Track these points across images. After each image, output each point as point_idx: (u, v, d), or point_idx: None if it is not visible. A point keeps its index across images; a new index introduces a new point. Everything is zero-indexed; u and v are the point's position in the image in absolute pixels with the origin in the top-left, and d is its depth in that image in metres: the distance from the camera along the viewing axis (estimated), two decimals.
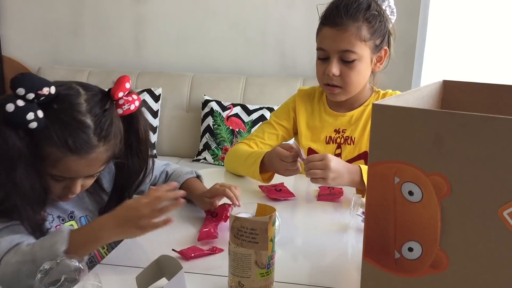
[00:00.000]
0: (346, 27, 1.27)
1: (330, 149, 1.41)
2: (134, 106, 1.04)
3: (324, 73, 1.33)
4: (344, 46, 1.29)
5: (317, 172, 1.16)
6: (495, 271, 0.64)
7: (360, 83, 1.36)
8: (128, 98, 1.04)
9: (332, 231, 1.09)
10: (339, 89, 1.34)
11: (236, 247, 0.79)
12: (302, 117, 1.46)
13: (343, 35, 1.28)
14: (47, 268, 0.85)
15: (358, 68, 1.31)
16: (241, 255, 0.79)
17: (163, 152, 2.85)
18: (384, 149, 0.68)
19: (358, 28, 1.28)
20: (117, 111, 1.02)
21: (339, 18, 1.28)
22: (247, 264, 0.79)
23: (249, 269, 0.79)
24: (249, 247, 0.78)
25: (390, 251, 0.70)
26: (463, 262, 0.66)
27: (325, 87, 1.37)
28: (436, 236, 0.66)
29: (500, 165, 0.61)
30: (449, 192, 0.64)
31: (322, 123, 1.44)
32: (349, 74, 1.31)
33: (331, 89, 1.35)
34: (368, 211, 0.71)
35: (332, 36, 1.30)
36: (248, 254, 0.78)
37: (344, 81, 1.32)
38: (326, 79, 1.34)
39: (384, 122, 0.67)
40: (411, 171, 0.66)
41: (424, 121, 0.64)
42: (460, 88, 0.96)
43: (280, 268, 0.91)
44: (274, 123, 1.48)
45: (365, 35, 1.29)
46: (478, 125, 0.61)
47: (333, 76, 1.31)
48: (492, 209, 0.62)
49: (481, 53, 2.51)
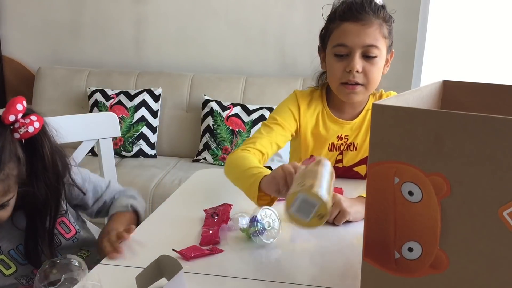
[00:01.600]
0: (371, 22, 1.24)
1: (332, 155, 1.38)
2: (33, 128, 0.98)
3: (344, 71, 1.27)
4: (370, 40, 1.24)
5: (332, 212, 1.07)
6: (495, 271, 0.64)
7: (378, 81, 1.32)
8: (25, 120, 0.98)
9: (332, 231, 1.09)
10: (361, 87, 1.28)
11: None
12: (306, 124, 1.38)
13: (368, 30, 1.24)
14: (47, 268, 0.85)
15: (379, 65, 1.28)
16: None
17: (163, 152, 2.85)
18: (384, 149, 0.67)
19: (381, 24, 1.26)
20: (14, 135, 0.97)
21: (364, 13, 1.24)
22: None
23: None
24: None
25: (390, 251, 0.70)
26: (463, 262, 0.66)
27: (342, 86, 1.30)
28: (436, 236, 0.66)
29: (500, 165, 0.61)
30: (449, 192, 0.64)
31: (327, 130, 1.38)
32: (372, 70, 1.27)
33: (351, 88, 1.28)
34: (368, 211, 0.71)
35: (356, 31, 1.25)
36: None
37: (367, 78, 1.27)
38: (346, 76, 1.28)
39: (384, 122, 0.67)
40: (411, 171, 0.66)
41: (424, 121, 0.64)
42: (460, 88, 0.96)
43: (280, 268, 0.91)
44: (280, 123, 1.36)
45: (385, 33, 1.27)
46: (478, 125, 0.61)
47: (356, 72, 1.26)
48: (492, 209, 0.62)
49: (481, 53, 2.51)
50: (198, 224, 1.10)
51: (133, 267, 0.89)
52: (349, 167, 1.40)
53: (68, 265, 0.86)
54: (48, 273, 0.85)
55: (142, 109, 2.76)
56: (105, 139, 1.39)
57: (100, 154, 1.39)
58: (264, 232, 1.00)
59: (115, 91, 2.81)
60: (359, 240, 1.03)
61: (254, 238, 1.00)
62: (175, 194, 1.30)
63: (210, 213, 1.12)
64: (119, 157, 2.75)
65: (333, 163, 1.39)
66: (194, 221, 1.12)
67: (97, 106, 2.78)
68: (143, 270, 0.83)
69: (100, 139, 1.38)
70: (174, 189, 1.40)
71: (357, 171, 1.40)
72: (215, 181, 1.42)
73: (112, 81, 2.91)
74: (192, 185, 1.38)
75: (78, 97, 2.93)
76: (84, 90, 2.91)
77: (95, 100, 2.79)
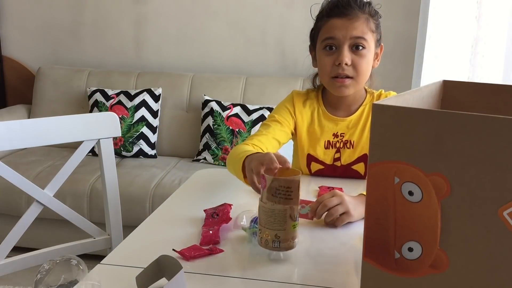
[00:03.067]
0: (357, 17, 1.29)
1: (329, 153, 1.40)
2: None
3: (333, 65, 1.31)
4: (357, 33, 1.29)
5: (338, 209, 1.07)
6: (495, 271, 0.64)
7: (368, 74, 1.35)
8: None
9: (332, 231, 1.09)
10: (350, 80, 1.31)
11: (274, 204, 0.90)
12: (302, 122, 1.42)
13: (355, 23, 1.29)
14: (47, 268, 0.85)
15: (368, 58, 1.32)
16: (278, 211, 0.90)
17: (163, 152, 2.85)
18: (384, 149, 0.68)
19: (367, 19, 1.31)
20: None
21: (350, 9, 1.29)
22: (283, 219, 0.90)
23: (285, 223, 0.90)
24: (285, 203, 0.90)
25: (390, 251, 0.70)
26: (463, 262, 0.66)
27: (333, 80, 1.33)
28: (436, 236, 0.66)
29: (500, 165, 0.61)
30: (449, 192, 0.64)
31: (321, 128, 1.41)
32: (360, 62, 1.30)
33: (341, 81, 1.31)
34: (368, 211, 0.71)
35: (344, 25, 1.29)
36: (284, 209, 0.90)
37: (356, 70, 1.31)
38: (335, 70, 1.31)
39: (384, 122, 0.67)
40: (411, 171, 0.66)
41: (424, 121, 0.64)
42: (460, 88, 0.96)
43: (279, 268, 0.91)
44: (279, 120, 1.40)
45: (372, 27, 1.31)
46: (478, 125, 0.61)
47: (345, 65, 1.29)
48: (492, 209, 0.62)
49: (481, 53, 2.51)
50: (198, 224, 1.10)
51: (133, 267, 0.89)
52: (348, 166, 1.40)
53: (68, 265, 0.86)
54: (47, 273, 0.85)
55: (142, 109, 2.76)
56: (105, 139, 1.39)
57: (100, 154, 1.39)
58: None
59: (115, 91, 2.81)
60: (359, 240, 1.03)
61: (254, 239, 1.00)
62: (175, 194, 1.30)
63: (210, 213, 1.12)
64: (119, 157, 2.75)
65: (331, 162, 1.41)
66: (194, 221, 1.12)
67: (97, 106, 2.78)
68: (143, 270, 0.83)
69: (101, 139, 1.38)
70: (174, 189, 1.41)
71: (356, 169, 1.40)
72: (215, 181, 1.42)
73: (112, 81, 2.91)
74: (192, 185, 1.38)
75: (78, 97, 2.93)
76: (84, 90, 2.91)
77: (95, 100, 2.79)
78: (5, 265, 1.23)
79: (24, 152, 2.80)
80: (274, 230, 0.91)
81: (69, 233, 1.82)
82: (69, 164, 1.32)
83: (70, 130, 1.34)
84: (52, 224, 2.35)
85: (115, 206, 1.41)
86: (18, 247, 1.30)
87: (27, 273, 1.28)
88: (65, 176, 1.32)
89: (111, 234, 1.40)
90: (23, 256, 1.27)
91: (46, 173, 2.47)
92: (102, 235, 1.40)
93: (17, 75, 3.21)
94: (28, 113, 3.04)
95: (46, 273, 0.85)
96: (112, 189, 1.41)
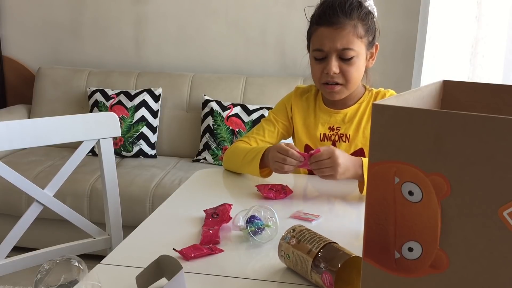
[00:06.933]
0: (344, 26, 1.30)
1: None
2: None
3: (322, 73, 1.35)
4: (343, 44, 1.31)
5: (326, 170, 1.21)
6: (495, 271, 0.64)
7: (359, 78, 1.38)
8: None
9: (332, 231, 1.09)
10: (340, 86, 1.36)
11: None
12: (298, 114, 1.48)
13: (341, 33, 1.30)
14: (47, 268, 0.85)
15: (357, 64, 1.34)
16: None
17: (163, 152, 2.85)
18: (384, 149, 0.67)
19: (355, 26, 1.31)
20: None
21: (335, 17, 1.30)
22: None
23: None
24: None
25: (390, 251, 0.70)
26: (463, 262, 0.66)
27: (323, 86, 1.38)
28: (436, 236, 0.66)
29: (500, 165, 0.61)
30: (449, 192, 0.64)
31: (316, 119, 1.45)
32: (349, 70, 1.34)
33: (331, 88, 1.36)
34: (368, 211, 0.71)
35: (330, 35, 1.31)
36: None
37: (345, 78, 1.34)
38: (325, 78, 1.35)
39: (384, 122, 0.67)
40: (411, 171, 0.66)
41: (424, 121, 0.64)
42: (460, 88, 0.96)
43: (280, 268, 0.91)
44: (273, 120, 1.50)
45: (360, 33, 1.32)
46: (478, 125, 0.61)
47: (334, 74, 1.33)
48: (492, 209, 0.62)
49: (481, 53, 2.51)
50: (198, 224, 1.10)
51: (133, 267, 0.89)
52: None
53: (68, 265, 0.86)
54: (47, 273, 0.85)
55: (142, 109, 2.76)
56: (105, 139, 1.39)
57: (100, 154, 1.39)
58: (259, 232, 1.00)
59: (115, 91, 2.81)
60: (359, 240, 1.03)
61: (251, 238, 1.00)
62: (175, 194, 1.30)
63: (210, 213, 1.12)
64: (119, 157, 2.75)
65: None
66: (194, 221, 1.12)
67: (97, 106, 2.78)
68: (143, 270, 0.83)
69: (101, 139, 1.38)
70: (174, 189, 1.41)
71: None
72: (215, 181, 1.42)
73: (112, 81, 2.91)
74: (192, 185, 1.38)
75: (78, 97, 2.93)
76: (84, 90, 2.92)
77: (95, 100, 2.79)
78: (5, 265, 1.23)
79: (24, 152, 2.80)
80: None
81: (69, 233, 1.82)
82: (69, 164, 1.32)
83: (70, 130, 1.34)
84: (52, 224, 2.35)
85: (115, 206, 1.41)
86: (18, 247, 1.30)
87: (27, 273, 1.28)
88: (65, 176, 1.32)
89: (111, 234, 1.40)
90: (23, 256, 1.27)
91: (46, 173, 2.47)
92: (102, 235, 1.40)
93: (17, 75, 3.21)
94: (28, 113, 3.04)
95: (46, 273, 0.85)
96: (112, 189, 1.41)
